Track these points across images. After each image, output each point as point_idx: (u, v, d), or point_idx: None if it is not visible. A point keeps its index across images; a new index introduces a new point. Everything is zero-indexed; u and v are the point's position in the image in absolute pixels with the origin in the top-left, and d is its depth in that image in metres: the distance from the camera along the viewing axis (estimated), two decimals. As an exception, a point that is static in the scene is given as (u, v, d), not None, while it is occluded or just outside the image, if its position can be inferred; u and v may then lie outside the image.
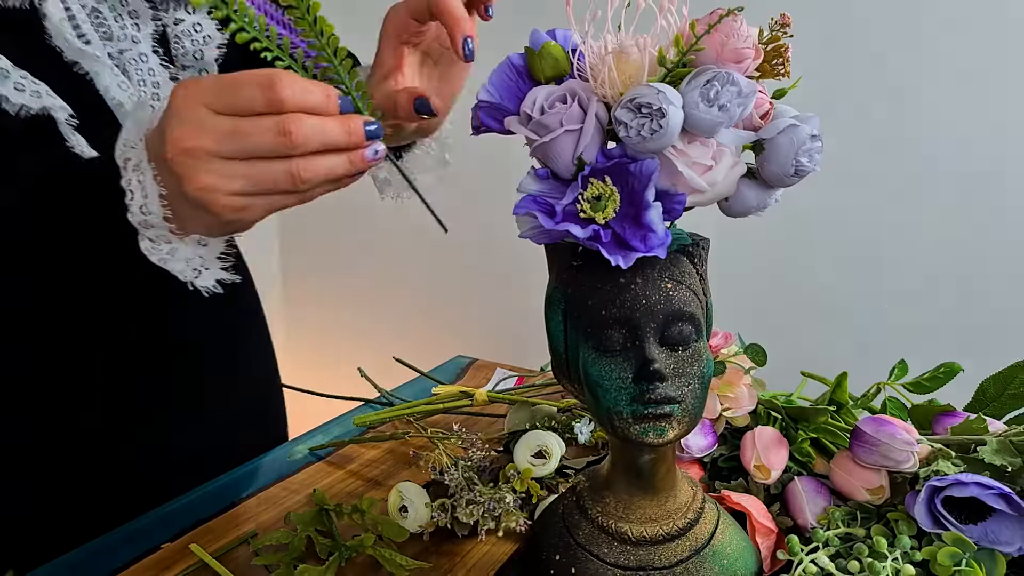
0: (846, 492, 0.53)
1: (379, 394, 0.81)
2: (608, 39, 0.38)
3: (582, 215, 0.38)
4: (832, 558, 0.47)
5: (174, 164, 0.38)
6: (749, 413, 0.60)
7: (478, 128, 0.43)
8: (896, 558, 0.45)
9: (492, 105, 0.41)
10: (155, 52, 0.57)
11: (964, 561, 0.44)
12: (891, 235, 1.19)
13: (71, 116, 0.52)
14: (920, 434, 0.53)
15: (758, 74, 0.39)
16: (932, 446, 0.52)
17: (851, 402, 0.59)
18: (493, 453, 0.61)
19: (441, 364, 0.92)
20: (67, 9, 0.53)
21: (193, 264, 0.43)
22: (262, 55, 0.38)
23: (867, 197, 1.20)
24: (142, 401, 0.65)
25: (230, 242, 0.45)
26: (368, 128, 0.39)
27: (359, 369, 0.83)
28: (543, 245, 0.43)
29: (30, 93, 0.50)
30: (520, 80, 0.41)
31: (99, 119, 0.53)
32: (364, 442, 0.72)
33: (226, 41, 0.59)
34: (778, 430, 0.57)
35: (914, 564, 0.45)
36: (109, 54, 0.54)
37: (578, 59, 0.39)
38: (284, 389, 0.82)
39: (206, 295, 0.44)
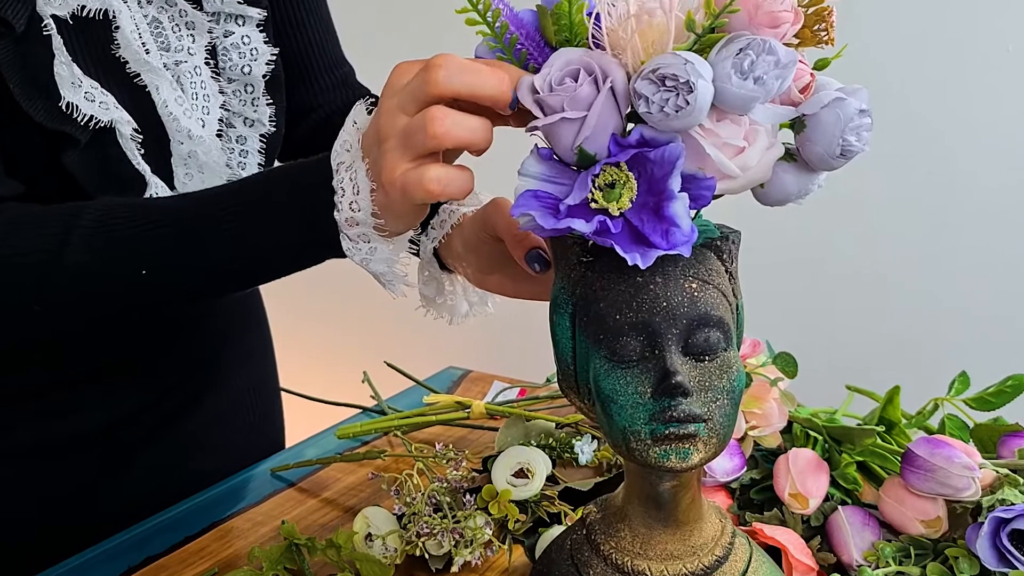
0: (898, 524, 0.53)
1: (376, 402, 0.84)
2: (629, 0, 0.37)
3: (593, 204, 0.38)
4: (882, 601, 0.47)
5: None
6: (782, 433, 0.60)
7: None
8: (956, 601, 0.45)
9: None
10: (207, 64, 0.62)
11: (1034, 604, 0.44)
12: (950, 227, 1.19)
13: (135, 131, 0.57)
14: (983, 457, 0.53)
15: (797, 41, 0.38)
16: (997, 471, 0.52)
17: (904, 420, 0.59)
18: (473, 473, 0.61)
19: (430, 376, 0.92)
20: (131, 18, 0.58)
21: (392, 265, 0.48)
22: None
23: (922, 183, 1.19)
24: (124, 406, 0.68)
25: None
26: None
27: (364, 373, 0.86)
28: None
29: (99, 104, 0.55)
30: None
31: (146, 139, 0.59)
32: (334, 463, 0.72)
33: (274, 57, 0.65)
34: (817, 453, 0.57)
35: (976, 608, 0.45)
36: (164, 65, 0.60)
37: (594, 23, 0.38)
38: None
39: (393, 299, 0.50)
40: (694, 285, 0.40)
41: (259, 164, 0.66)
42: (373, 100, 0.46)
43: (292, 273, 0.50)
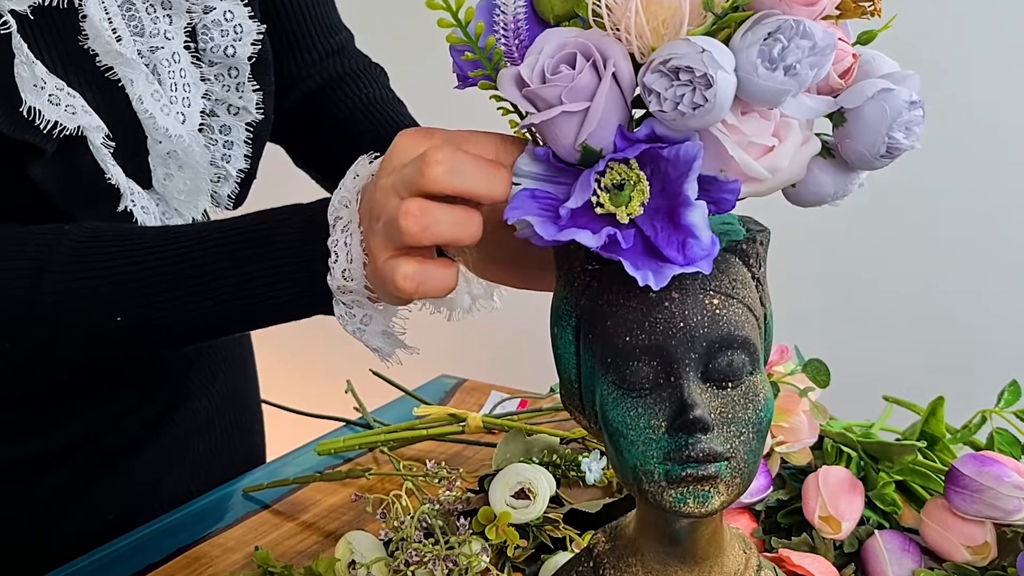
0: (941, 551, 0.54)
1: (360, 415, 0.83)
2: (634, -28, 0.35)
3: (598, 210, 0.36)
4: (924, 642, 0.48)
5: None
6: (813, 449, 0.60)
7: (465, 79, 0.40)
8: (1008, 645, 0.45)
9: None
10: (186, 48, 0.60)
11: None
12: (998, 226, 1.17)
13: (108, 138, 0.56)
14: (1036, 477, 0.53)
15: (837, 13, 0.37)
16: (1053, 494, 0.52)
17: (948, 435, 0.59)
18: (468, 494, 0.61)
19: (421, 385, 0.92)
20: (101, 2, 0.56)
21: (387, 337, 0.49)
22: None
23: (968, 174, 1.17)
24: (91, 421, 0.68)
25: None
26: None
27: (348, 382, 0.85)
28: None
29: (65, 108, 0.54)
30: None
31: (120, 139, 0.58)
32: (313, 482, 0.72)
33: (261, 36, 0.63)
34: (851, 471, 0.58)
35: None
36: (139, 52, 0.58)
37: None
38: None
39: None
40: (716, 301, 0.38)
41: (245, 156, 0.65)
42: (377, 155, 0.46)
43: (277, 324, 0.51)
